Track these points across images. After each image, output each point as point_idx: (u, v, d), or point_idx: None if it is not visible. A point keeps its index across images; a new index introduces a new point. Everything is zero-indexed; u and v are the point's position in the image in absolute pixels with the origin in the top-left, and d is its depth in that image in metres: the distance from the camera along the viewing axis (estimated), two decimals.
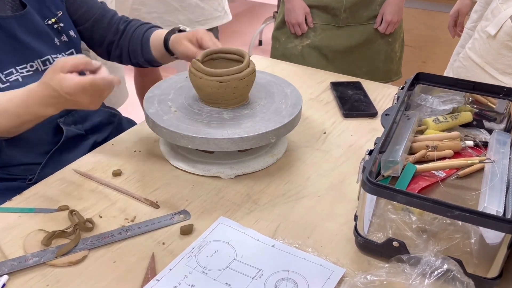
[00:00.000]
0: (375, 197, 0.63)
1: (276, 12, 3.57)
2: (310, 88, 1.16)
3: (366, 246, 0.66)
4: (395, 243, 0.63)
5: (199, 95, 0.87)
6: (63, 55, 0.94)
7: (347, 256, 0.67)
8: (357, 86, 1.16)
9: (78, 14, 1.01)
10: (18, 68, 0.86)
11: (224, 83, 0.81)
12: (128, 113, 1.22)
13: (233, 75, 0.81)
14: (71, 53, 0.96)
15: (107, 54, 1.07)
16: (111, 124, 1.05)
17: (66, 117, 0.93)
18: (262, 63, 1.31)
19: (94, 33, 1.03)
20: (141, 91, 1.89)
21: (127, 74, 1.90)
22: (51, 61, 0.91)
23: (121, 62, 1.08)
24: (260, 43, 3.80)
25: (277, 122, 0.82)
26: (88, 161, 0.87)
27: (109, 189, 0.80)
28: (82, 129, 0.96)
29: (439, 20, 2.17)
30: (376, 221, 0.66)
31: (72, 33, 0.97)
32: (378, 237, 0.66)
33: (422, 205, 0.58)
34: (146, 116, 0.84)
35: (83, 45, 1.06)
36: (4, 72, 0.85)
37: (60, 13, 0.95)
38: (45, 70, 0.91)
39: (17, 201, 0.76)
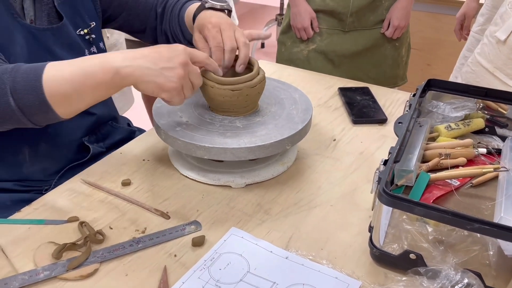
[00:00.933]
0: (391, 208, 0.62)
1: (279, 14, 3.58)
2: (318, 94, 1.15)
3: (381, 258, 0.65)
4: (412, 256, 0.62)
5: (209, 104, 0.86)
6: None
7: (362, 268, 0.66)
8: (366, 91, 1.15)
9: (112, 8, 0.97)
10: None
11: (237, 91, 0.80)
12: (134, 118, 1.21)
13: (245, 82, 0.80)
14: None
15: (154, 41, 1.02)
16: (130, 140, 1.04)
17: (90, 136, 0.93)
18: (269, 68, 1.30)
19: (132, 22, 0.99)
20: (147, 96, 1.89)
21: None
22: None
23: (180, 41, 1.02)
24: (263, 45, 3.80)
25: (291, 128, 0.81)
26: (97, 171, 0.86)
27: (119, 199, 0.79)
28: (104, 146, 0.96)
29: (444, 22, 2.17)
30: (391, 231, 0.65)
31: (101, 45, 0.95)
32: (393, 249, 0.65)
33: (441, 217, 0.57)
34: (158, 127, 0.82)
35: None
36: None
37: (93, 24, 0.93)
38: None
39: (26, 212, 0.76)
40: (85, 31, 0.91)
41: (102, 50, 0.95)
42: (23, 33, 0.81)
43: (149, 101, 1.88)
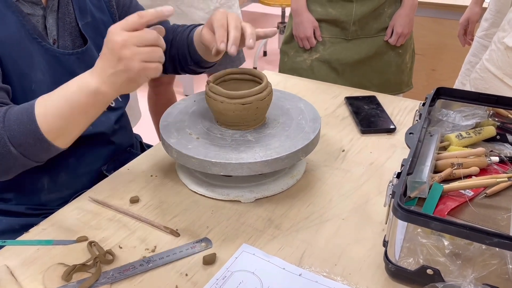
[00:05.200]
0: (406, 222, 0.60)
1: (280, 23, 3.58)
2: (324, 104, 1.14)
3: (397, 273, 0.64)
4: (429, 271, 0.60)
5: (218, 119, 0.85)
6: None
7: (378, 284, 0.65)
8: (372, 100, 1.14)
9: None
10: None
11: (248, 104, 0.79)
12: (142, 132, 1.20)
13: (255, 95, 0.79)
14: None
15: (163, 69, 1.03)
16: None
17: (109, 164, 0.93)
18: (273, 78, 1.29)
19: None
20: (155, 109, 1.89)
21: (140, 94, 1.90)
22: None
23: (175, 73, 1.02)
24: (265, 53, 3.80)
25: (304, 139, 0.80)
26: (105, 188, 0.85)
27: (128, 217, 0.78)
28: None
29: (447, 27, 2.16)
30: (406, 245, 0.64)
31: None
32: (409, 263, 0.64)
33: (459, 232, 0.55)
34: (168, 146, 0.80)
35: None
36: None
37: None
38: None
39: (34, 232, 0.75)
40: None
41: None
42: (45, 57, 0.80)
43: (156, 114, 1.88)
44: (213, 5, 1.56)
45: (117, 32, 0.67)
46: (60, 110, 0.69)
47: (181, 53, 0.97)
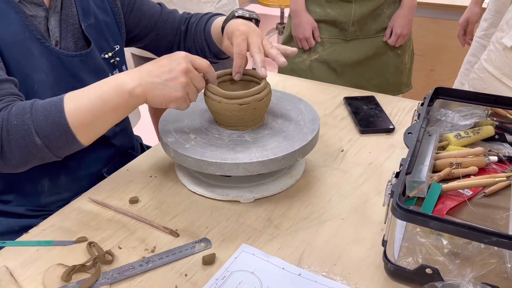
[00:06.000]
0: (405, 222, 0.61)
1: (279, 23, 3.58)
2: (323, 104, 1.14)
3: (396, 273, 0.64)
4: (428, 270, 0.61)
5: (216, 119, 0.86)
6: None
7: (377, 283, 0.65)
8: (371, 100, 1.14)
9: (140, 28, 0.97)
10: None
11: (245, 105, 0.79)
12: (142, 133, 1.21)
13: (253, 96, 0.79)
14: None
15: None
16: None
17: (110, 166, 0.93)
18: (272, 79, 1.29)
19: (159, 42, 0.99)
20: (155, 110, 1.89)
21: None
22: None
23: (204, 56, 1.01)
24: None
25: (301, 140, 0.80)
26: (104, 188, 0.85)
27: (127, 217, 0.78)
28: None
29: (446, 27, 2.16)
30: (405, 245, 0.64)
31: (124, 68, 0.94)
32: (408, 262, 0.64)
33: (457, 231, 0.55)
34: (166, 146, 0.81)
35: None
36: None
37: (117, 47, 0.92)
38: None
39: (34, 233, 0.75)
40: (110, 54, 0.90)
41: None
42: (49, 58, 0.80)
43: (155, 116, 1.88)
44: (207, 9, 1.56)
45: (187, 59, 0.73)
46: (92, 106, 0.70)
47: (199, 46, 0.97)
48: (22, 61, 0.77)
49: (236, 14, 0.89)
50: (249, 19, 0.89)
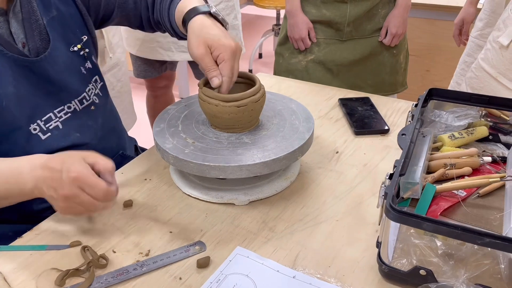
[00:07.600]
0: (399, 224, 0.61)
1: (275, 25, 3.59)
2: (318, 105, 1.14)
3: (391, 274, 0.64)
4: (422, 272, 0.61)
5: (212, 122, 0.85)
6: (93, 86, 0.90)
7: (371, 285, 0.65)
8: (366, 101, 1.14)
9: (102, 10, 0.94)
10: (55, 111, 0.82)
11: (242, 107, 0.79)
12: (137, 135, 1.20)
13: (250, 97, 0.79)
14: (95, 80, 0.91)
15: (152, 30, 0.99)
16: None
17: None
18: (268, 81, 1.29)
19: (127, 17, 0.96)
20: (153, 113, 1.89)
21: (137, 97, 1.90)
22: (88, 98, 0.88)
23: (171, 34, 0.96)
24: (260, 56, 3.81)
25: (300, 138, 0.81)
26: None
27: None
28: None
29: (441, 28, 2.17)
30: (399, 246, 0.64)
31: (94, 59, 0.92)
32: (402, 264, 0.64)
33: (451, 232, 0.55)
34: (164, 152, 0.80)
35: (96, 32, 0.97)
36: (43, 119, 0.80)
37: (85, 38, 0.89)
38: (83, 109, 0.87)
39: (27, 238, 0.74)
40: (79, 46, 0.87)
41: (95, 64, 0.92)
42: (14, 68, 0.76)
43: (154, 118, 1.88)
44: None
45: (84, 162, 0.66)
46: None
47: (164, 25, 0.94)
48: None
49: (212, 11, 0.82)
50: (221, 22, 0.84)
